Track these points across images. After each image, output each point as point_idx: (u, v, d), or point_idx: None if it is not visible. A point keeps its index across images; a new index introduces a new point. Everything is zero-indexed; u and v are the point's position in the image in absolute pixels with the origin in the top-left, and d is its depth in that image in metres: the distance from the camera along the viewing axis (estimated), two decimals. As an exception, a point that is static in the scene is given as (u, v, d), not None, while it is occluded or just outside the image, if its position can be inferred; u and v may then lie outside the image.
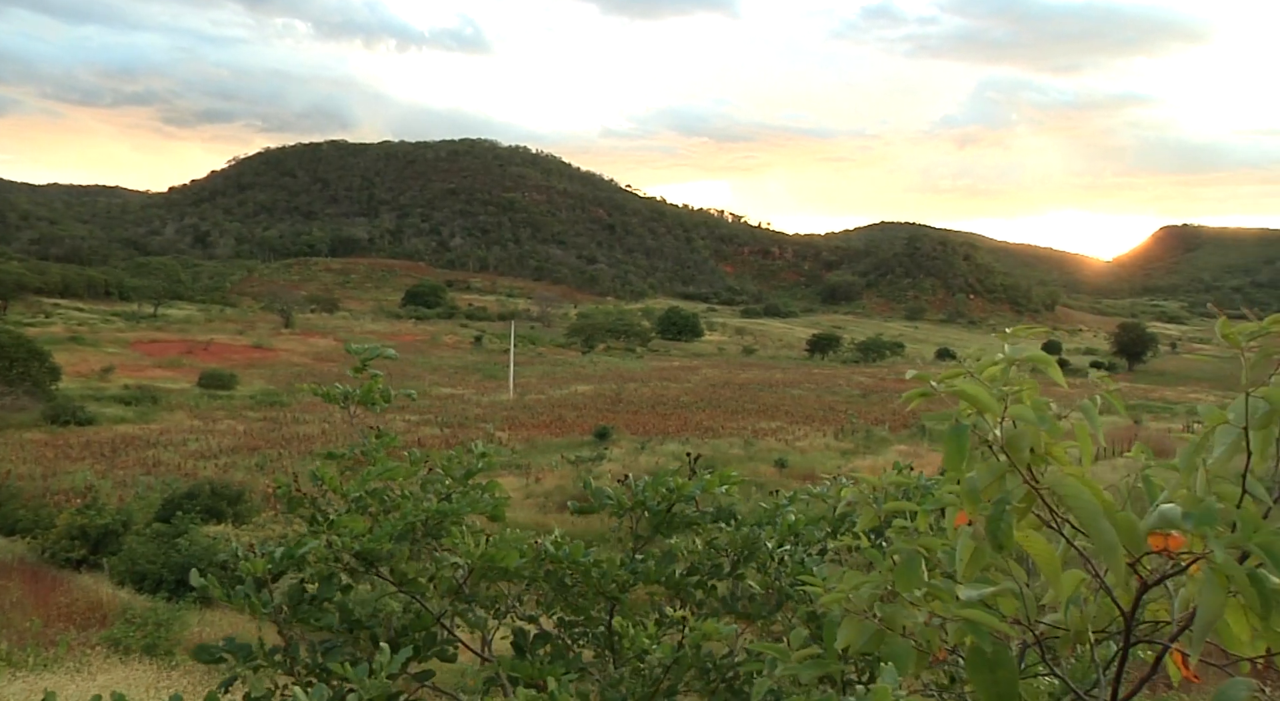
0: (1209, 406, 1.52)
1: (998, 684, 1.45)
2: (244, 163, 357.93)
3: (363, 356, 2.95)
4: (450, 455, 2.97)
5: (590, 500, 2.62)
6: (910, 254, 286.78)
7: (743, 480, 2.82)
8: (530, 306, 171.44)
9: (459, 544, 2.38)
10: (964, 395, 1.44)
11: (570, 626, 2.62)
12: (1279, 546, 1.27)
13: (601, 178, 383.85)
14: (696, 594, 2.73)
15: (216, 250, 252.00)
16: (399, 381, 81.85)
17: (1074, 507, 1.38)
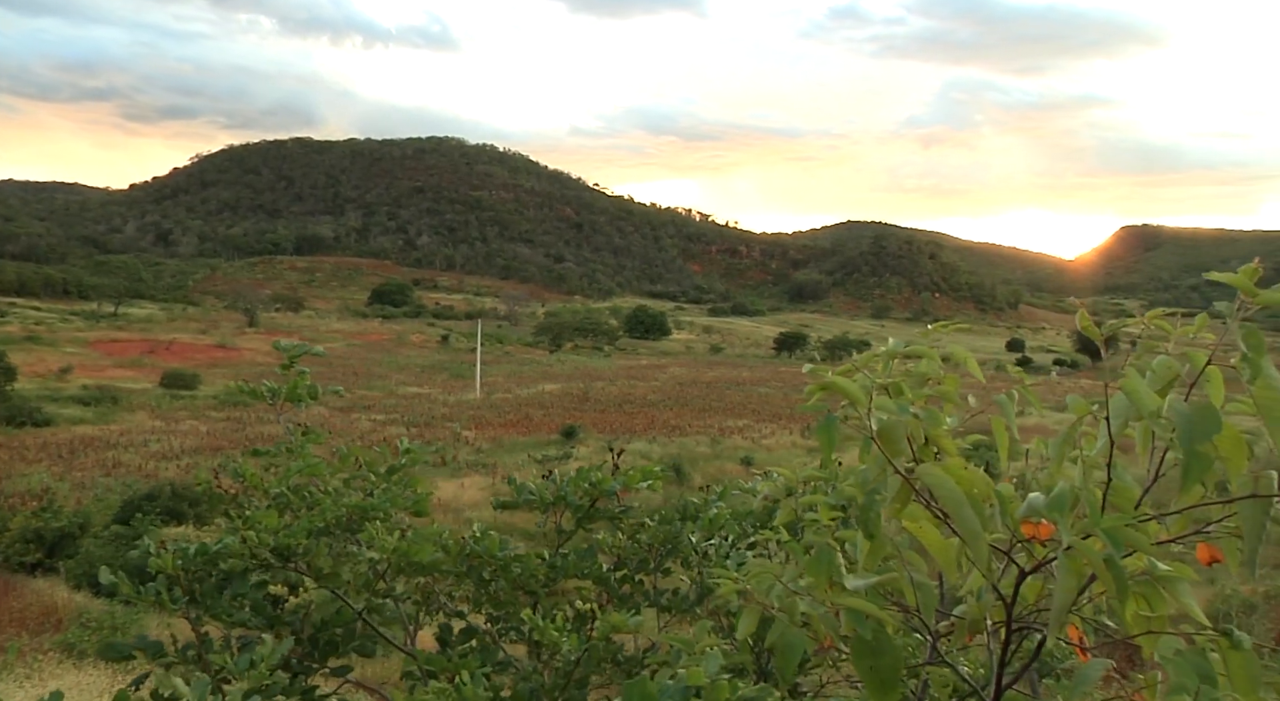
0: (1075, 397, 1.56)
1: (880, 671, 1.49)
2: (207, 160, 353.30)
3: (290, 354, 2.94)
4: (375, 452, 2.98)
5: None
6: (876, 253, 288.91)
7: (664, 475, 2.85)
8: (498, 305, 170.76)
9: (375, 538, 2.38)
10: (835, 388, 1.48)
11: (497, 621, 2.63)
12: (1122, 533, 1.31)
13: (569, 176, 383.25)
14: (622, 588, 2.77)
15: (179, 248, 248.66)
16: (365, 380, 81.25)
17: (940, 497, 1.42)
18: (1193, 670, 1.35)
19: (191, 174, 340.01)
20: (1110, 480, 1.49)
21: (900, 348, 1.64)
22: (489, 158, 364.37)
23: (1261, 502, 1.40)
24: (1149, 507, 1.70)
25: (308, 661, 2.37)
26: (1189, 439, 1.39)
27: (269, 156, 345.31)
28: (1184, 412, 1.42)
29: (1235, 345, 1.54)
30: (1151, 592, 1.70)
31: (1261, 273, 1.56)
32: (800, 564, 1.99)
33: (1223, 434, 1.48)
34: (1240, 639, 1.40)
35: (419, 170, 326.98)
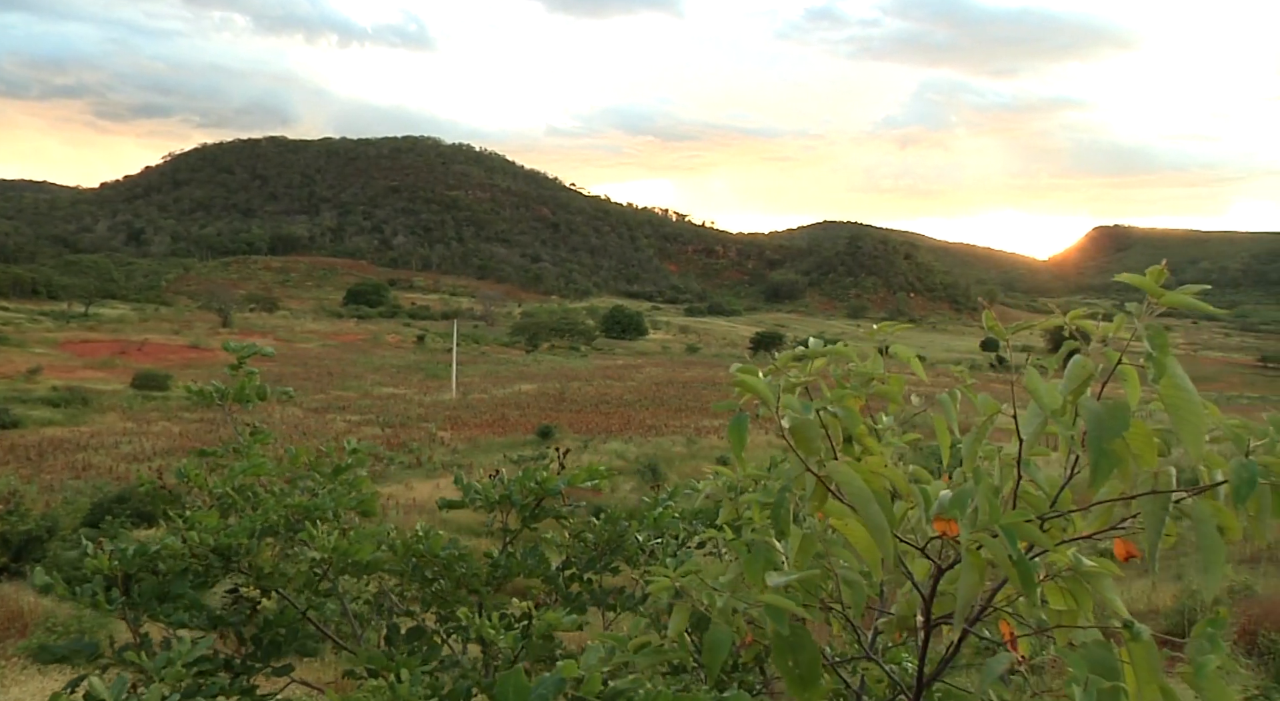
0: (985, 397, 1.60)
1: (799, 666, 1.51)
2: (180, 158, 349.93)
3: (239, 354, 2.94)
4: (323, 451, 2.98)
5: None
6: (852, 253, 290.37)
7: (611, 474, 2.87)
8: (474, 305, 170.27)
9: (315, 538, 2.39)
10: (744, 386, 1.50)
11: (446, 621, 2.64)
12: (1020, 529, 1.34)
13: (546, 176, 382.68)
14: (571, 587, 2.79)
15: (151, 248, 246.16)
16: (340, 380, 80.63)
17: (848, 493, 1.44)
18: (1086, 662, 1.38)
19: (164, 173, 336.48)
20: (1020, 478, 1.52)
21: (820, 347, 1.67)
22: (465, 157, 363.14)
23: (1160, 498, 1.43)
24: (1072, 504, 1.74)
25: (251, 661, 2.38)
26: (1099, 437, 1.42)
27: (243, 155, 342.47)
28: (1095, 411, 1.45)
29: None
30: (1076, 587, 1.74)
31: (1168, 275, 1.60)
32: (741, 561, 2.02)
33: (1134, 432, 1.52)
34: (1139, 631, 1.43)
35: (395, 170, 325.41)
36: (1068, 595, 1.77)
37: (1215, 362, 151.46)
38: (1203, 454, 1.44)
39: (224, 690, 2.12)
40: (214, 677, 2.18)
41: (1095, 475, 1.42)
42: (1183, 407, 1.45)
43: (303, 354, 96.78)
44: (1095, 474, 1.42)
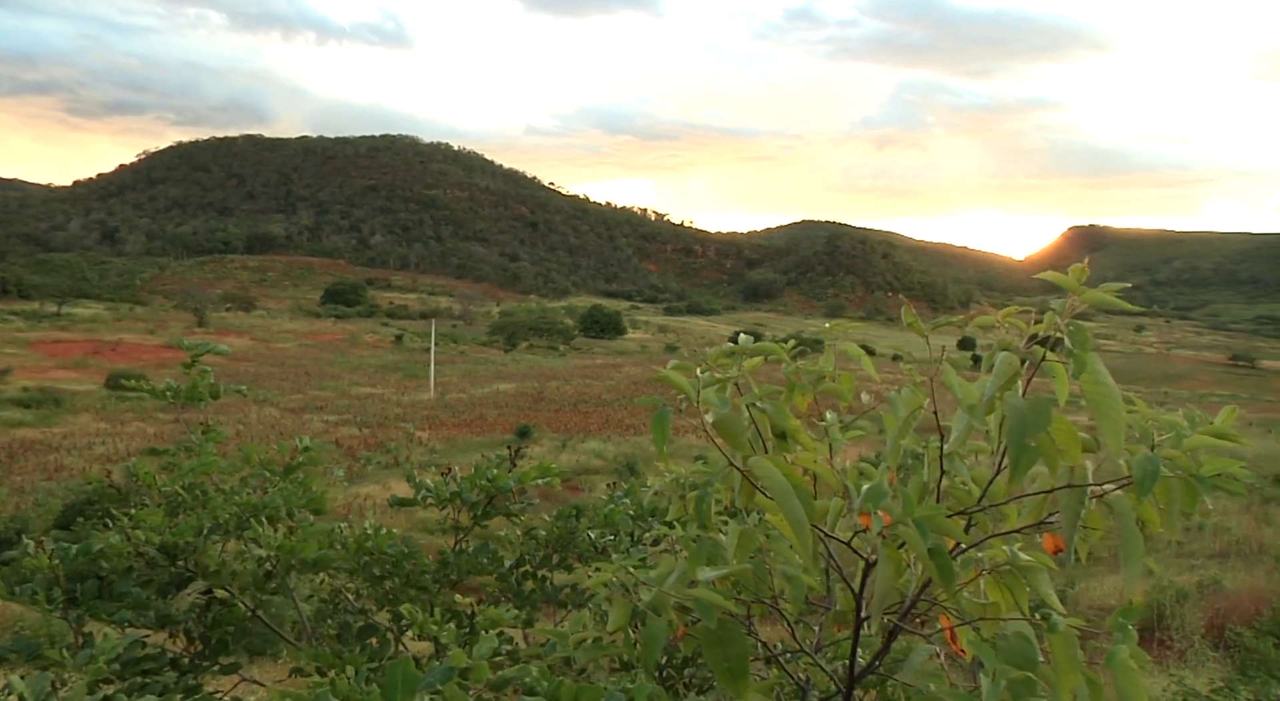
0: (909, 392, 1.62)
1: (729, 660, 1.53)
2: (155, 156, 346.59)
3: (193, 352, 2.93)
4: (273, 449, 2.98)
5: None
6: (830, 252, 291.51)
7: (565, 472, 2.88)
8: (452, 305, 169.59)
9: (262, 535, 2.39)
10: (668, 381, 1.52)
11: (399, 618, 2.64)
12: (933, 522, 1.37)
13: (524, 175, 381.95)
14: (525, 584, 2.80)
15: (125, 247, 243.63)
16: (318, 380, 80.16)
17: (768, 488, 1.46)
18: (1005, 653, 1.41)
19: (139, 171, 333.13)
20: (943, 471, 1.55)
21: (750, 344, 1.69)
22: (443, 156, 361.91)
23: (1077, 492, 1.46)
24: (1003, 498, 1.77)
25: (199, 660, 2.38)
26: (1019, 432, 1.44)
27: (219, 154, 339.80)
28: (1017, 407, 1.48)
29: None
30: (1012, 582, 1.77)
31: (1089, 273, 1.63)
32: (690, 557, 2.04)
33: (1058, 427, 1.54)
34: (1055, 622, 1.46)
35: (372, 168, 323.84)
36: (1005, 589, 1.80)
37: (1187, 361, 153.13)
38: (1122, 448, 1.47)
39: (168, 688, 2.11)
40: (158, 676, 2.17)
41: (1015, 470, 1.44)
42: (1103, 403, 1.48)
43: (280, 354, 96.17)
44: (1015, 468, 1.44)
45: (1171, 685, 10.36)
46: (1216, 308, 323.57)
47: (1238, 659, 13.26)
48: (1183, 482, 1.41)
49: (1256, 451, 35.44)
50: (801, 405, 2.19)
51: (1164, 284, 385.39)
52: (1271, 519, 26.19)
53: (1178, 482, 1.42)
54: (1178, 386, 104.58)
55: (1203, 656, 13.89)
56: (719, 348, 1.68)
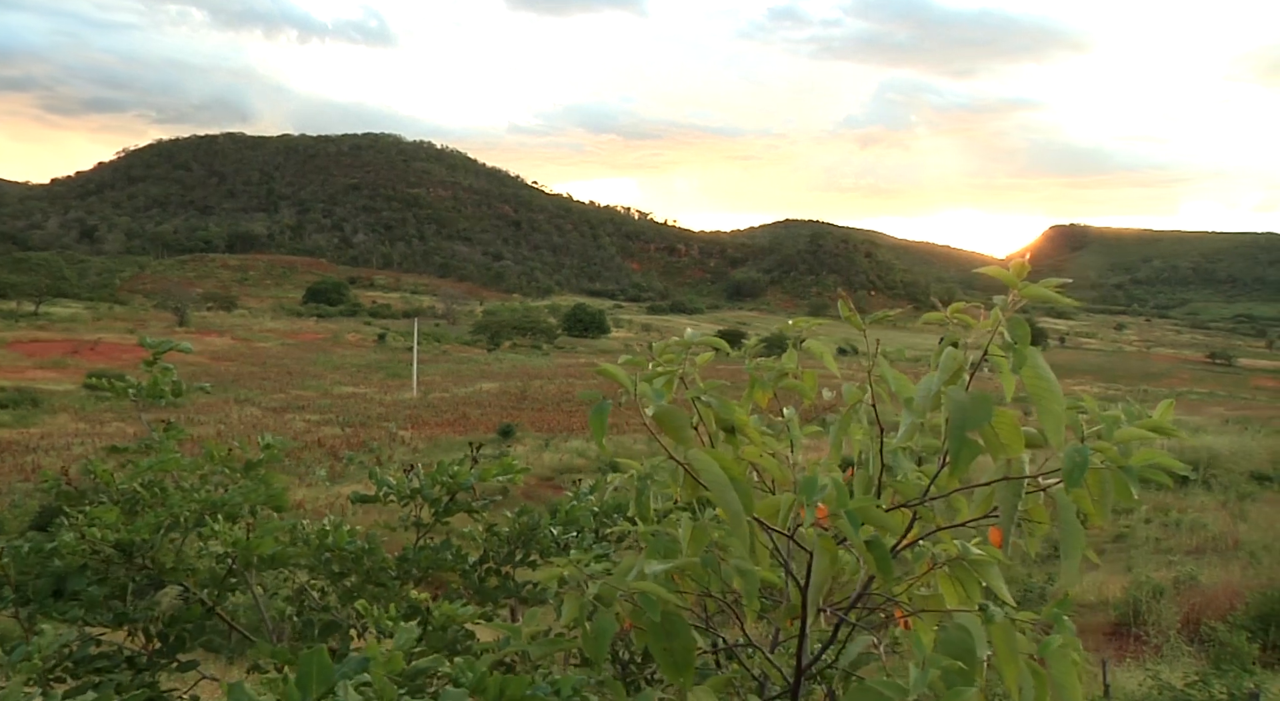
0: (850, 386, 1.64)
1: (673, 652, 1.54)
2: (134, 154, 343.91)
3: (154, 350, 2.92)
4: (233, 446, 2.97)
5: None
6: (813, 251, 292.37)
7: (526, 469, 2.89)
8: (435, 304, 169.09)
9: (219, 532, 2.39)
10: (607, 374, 1.53)
11: (361, 615, 2.64)
12: (866, 513, 1.38)
13: (508, 174, 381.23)
14: (490, 581, 2.80)
15: (105, 245, 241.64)
16: (300, 380, 79.79)
17: (705, 480, 1.48)
18: (943, 644, 1.42)
19: (118, 169, 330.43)
20: (884, 466, 1.56)
21: (697, 338, 1.70)
22: (426, 155, 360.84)
23: (1013, 485, 1.48)
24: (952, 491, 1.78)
25: (157, 658, 2.37)
26: (960, 426, 1.46)
27: (200, 152, 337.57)
28: (959, 401, 1.49)
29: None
30: (964, 575, 1.79)
31: (1029, 269, 1.65)
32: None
33: (1001, 421, 1.56)
34: (993, 613, 1.48)
35: (355, 167, 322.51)
36: (957, 583, 1.81)
37: (1167, 359, 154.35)
38: (1062, 440, 1.49)
39: (123, 686, 2.10)
40: (112, 675, 2.16)
41: (956, 463, 1.46)
42: (1044, 396, 1.50)
43: (261, 353, 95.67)
44: (956, 462, 1.46)
45: (1147, 680, 10.47)
46: (1195, 306, 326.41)
47: (1212, 653, 13.39)
48: (1115, 474, 1.43)
49: (1233, 448, 35.72)
50: (762, 401, 2.21)
51: (1144, 283, 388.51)
52: (1247, 515, 26.45)
53: (1108, 474, 1.44)
54: (1157, 384, 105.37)
55: (1178, 651, 14.01)
56: (664, 342, 1.69)
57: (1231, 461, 33.92)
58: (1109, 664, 11.59)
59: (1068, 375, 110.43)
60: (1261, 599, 14.69)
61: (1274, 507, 27.42)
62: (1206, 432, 42.09)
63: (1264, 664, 12.84)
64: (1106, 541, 25.79)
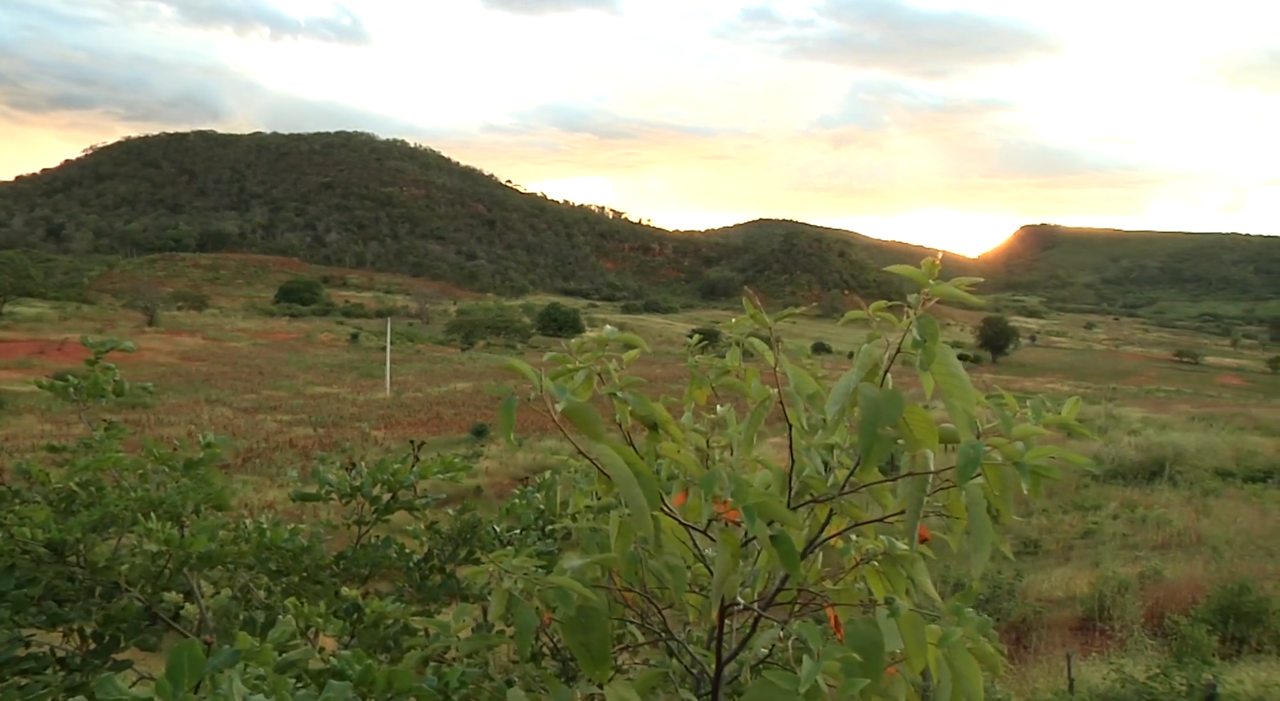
0: (759, 386, 1.66)
1: (589, 646, 1.56)
2: (102, 152, 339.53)
3: (97, 349, 2.90)
4: (175, 444, 2.96)
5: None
6: (787, 251, 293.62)
7: (467, 467, 2.90)
8: (409, 303, 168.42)
9: (152, 531, 2.38)
10: (513, 370, 1.54)
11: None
12: (766, 508, 1.40)
13: (481, 173, 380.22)
14: (433, 579, 2.81)
15: (72, 244, 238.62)
16: (272, 380, 79.15)
17: (611, 475, 1.49)
18: (850, 637, 1.45)
19: (85, 166, 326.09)
20: (793, 460, 1.58)
21: (614, 335, 1.72)
22: (400, 153, 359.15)
23: (918, 480, 1.51)
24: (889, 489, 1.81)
25: (92, 657, 2.36)
26: (871, 422, 1.48)
27: (169, 149, 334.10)
28: (870, 398, 1.52)
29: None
30: (890, 570, 1.82)
31: (940, 268, 1.68)
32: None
33: (916, 418, 1.59)
34: (898, 607, 1.51)
35: (328, 165, 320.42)
36: (884, 578, 1.84)
37: (1135, 358, 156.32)
38: (971, 436, 1.52)
39: (51, 687, 2.09)
40: (40, 676, 2.15)
41: (866, 459, 1.49)
42: (954, 392, 1.53)
43: (233, 353, 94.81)
44: (866, 458, 1.49)
45: (1111, 673, 10.60)
46: (1163, 305, 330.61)
47: (1174, 645, 13.58)
48: (1029, 471, 1.46)
49: (1198, 445, 36.19)
50: (700, 399, 2.23)
51: (1113, 282, 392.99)
52: (1210, 510, 26.82)
53: (1010, 469, 1.47)
54: (1126, 382, 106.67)
55: (1142, 644, 14.19)
56: (580, 338, 1.71)
57: (1196, 458, 34.36)
58: (1074, 658, 11.74)
59: (1038, 373, 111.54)
60: (1221, 592, 14.92)
61: (1236, 503, 27.84)
62: (1173, 430, 42.63)
63: (1223, 655, 13.05)
64: (1075, 538, 26.08)
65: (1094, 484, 31.42)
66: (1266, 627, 14.19)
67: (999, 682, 11.41)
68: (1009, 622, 16.31)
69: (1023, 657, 14.11)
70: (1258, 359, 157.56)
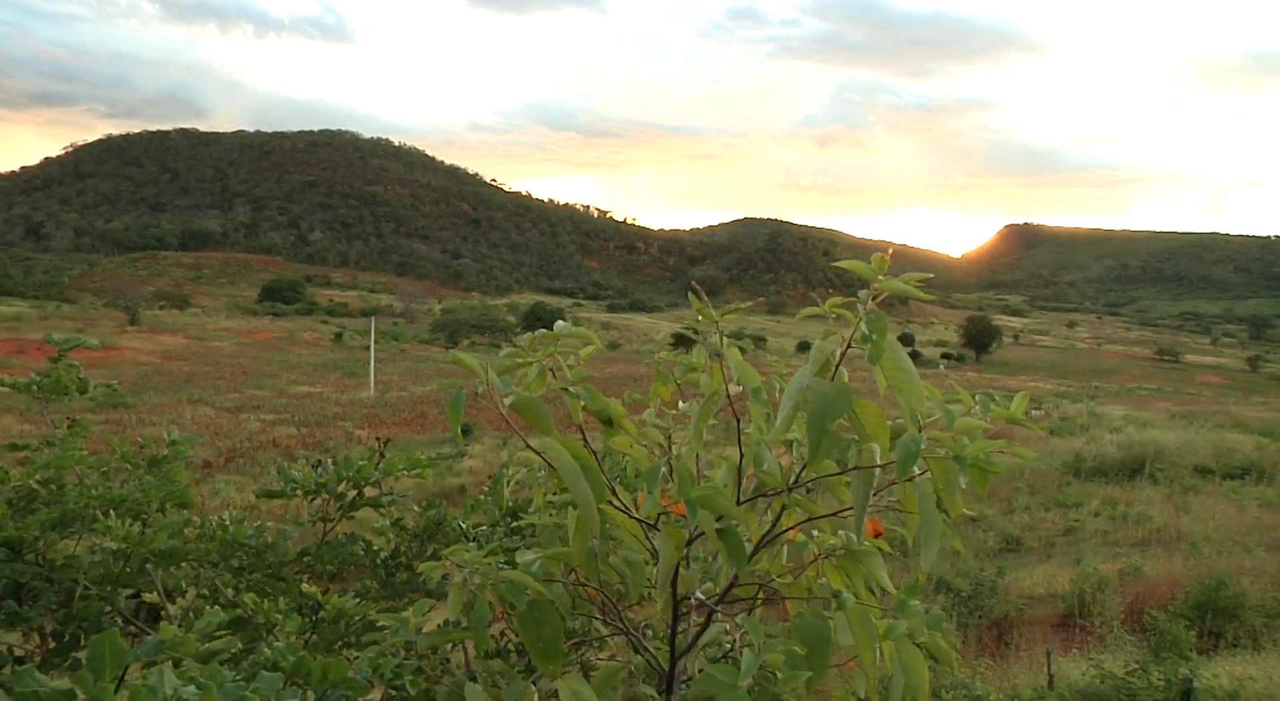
0: (707, 380, 1.67)
1: (542, 639, 1.57)
2: (83, 149, 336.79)
3: (60, 347, 2.89)
4: (141, 442, 2.95)
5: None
6: (772, 250, 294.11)
7: (434, 464, 2.90)
8: (393, 302, 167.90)
9: (111, 528, 2.37)
10: (459, 363, 1.55)
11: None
12: (705, 501, 1.41)
13: (466, 172, 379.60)
14: (400, 575, 2.81)
15: (52, 243, 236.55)
16: (255, 379, 78.74)
17: (557, 468, 1.50)
18: (798, 630, 1.46)
19: (66, 164, 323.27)
20: (741, 455, 1.60)
21: (567, 330, 1.73)
22: (384, 152, 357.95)
23: (864, 474, 1.52)
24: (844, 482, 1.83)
25: (53, 657, 2.35)
26: (820, 417, 1.50)
27: (151, 147, 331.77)
28: (820, 392, 1.53)
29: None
30: (848, 565, 1.83)
31: (889, 263, 1.69)
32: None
33: (867, 413, 1.60)
34: (844, 600, 1.52)
35: (311, 164, 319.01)
36: (842, 573, 1.86)
37: (1117, 356, 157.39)
38: (933, 431, 1.53)
39: (5, 686, 2.07)
40: (-1, 673, 2.14)
41: (815, 454, 1.50)
42: (903, 387, 1.54)
43: (215, 352, 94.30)
44: (815, 452, 1.49)
45: (1090, 669, 10.69)
46: (1144, 304, 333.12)
47: (1153, 641, 13.68)
48: (952, 462, 1.47)
49: (1178, 443, 36.45)
50: (665, 394, 2.24)
51: (1095, 281, 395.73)
52: (1190, 507, 27.04)
53: (952, 462, 1.48)
54: (1107, 381, 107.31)
55: (1121, 640, 14.28)
56: (531, 334, 1.71)
57: (1176, 455, 34.60)
58: (1055, 654, 11.82)
59: (1021, 371, 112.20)
60: (1199, 588, 15.05)
61: (1214, 500, 28.07)
62: (1154, 427, 42.93)
63: (1200, 650, 13.17)
64: (1057, 535, 26.22)
65: (1076, 481, 31.63)
66: (1242, 622, 14.32)
67: (979, 679, 11.49)
68: (991, 619, 16.39)
69: (1004, 654, 14.20)
70: (1237, 357, 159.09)
